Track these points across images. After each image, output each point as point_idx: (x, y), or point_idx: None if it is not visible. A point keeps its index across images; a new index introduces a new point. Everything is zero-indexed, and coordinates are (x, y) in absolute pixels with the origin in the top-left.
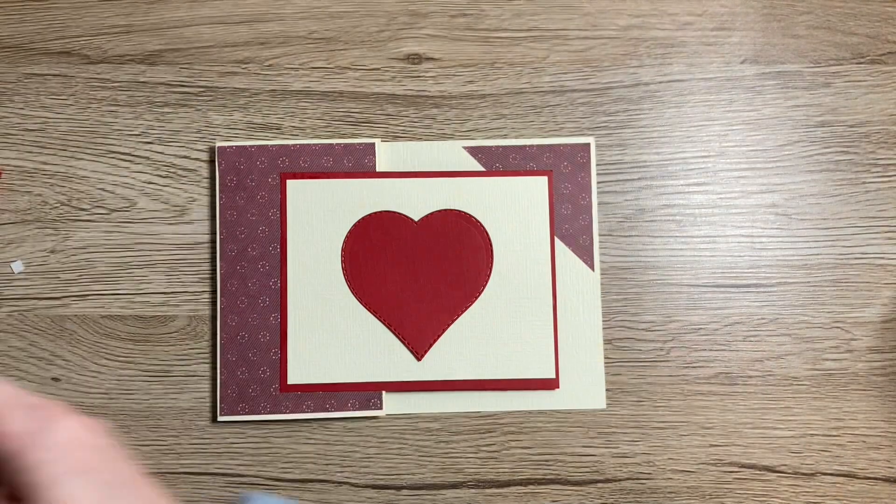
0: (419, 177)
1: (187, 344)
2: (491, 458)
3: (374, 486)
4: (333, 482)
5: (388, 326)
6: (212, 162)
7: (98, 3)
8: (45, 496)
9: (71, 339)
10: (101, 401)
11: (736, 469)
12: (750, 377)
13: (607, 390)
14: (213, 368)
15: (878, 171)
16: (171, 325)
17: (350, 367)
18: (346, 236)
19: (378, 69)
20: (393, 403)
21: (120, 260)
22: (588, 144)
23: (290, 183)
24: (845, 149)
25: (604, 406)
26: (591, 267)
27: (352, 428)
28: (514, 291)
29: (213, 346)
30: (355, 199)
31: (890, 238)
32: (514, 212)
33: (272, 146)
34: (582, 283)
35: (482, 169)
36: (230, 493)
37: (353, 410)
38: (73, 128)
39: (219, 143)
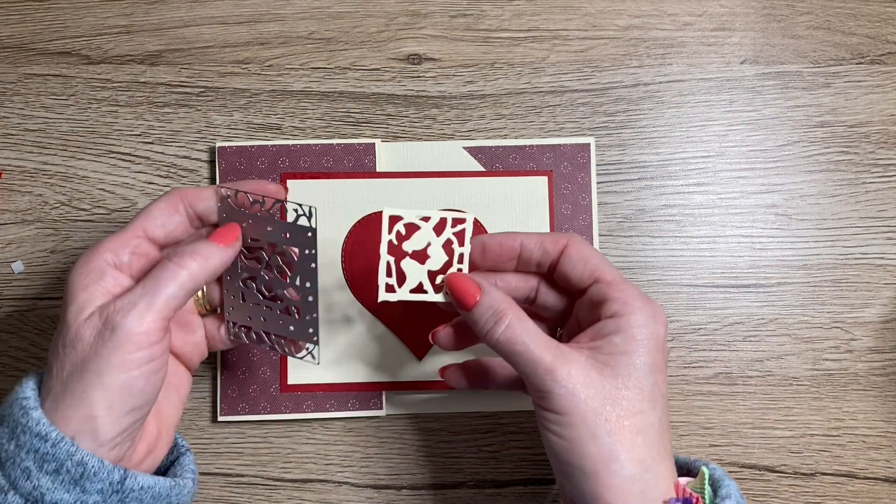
0: (419, 177)
1: None
2: (491, 458)
3: (374, 486)
4: (333, 482)
5: (389, 326)
6: (212, 162)
7: (98, 4)
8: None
9: None
10: None
11: (736, 469)
12: (750, 377)
13: None
14: (214, 368)
15: (878, 172)
16: None
17: (350, 367)
18: (347, 236)
19: (378, 69)
20: (393, 403)
21: None
22: (588, 144)
23: (290, 183)
24: (845, 149)
25: None
26: None
27: (352, 428)
28: None
29: None
30: (355, 199)
31: (890, 238)
32: (514, 212)
33: (272, 146)
34: None
35: (482, 169)
36: (230, 492)
37: (353, 410)
38: (73, 128)
39: (219, 144)
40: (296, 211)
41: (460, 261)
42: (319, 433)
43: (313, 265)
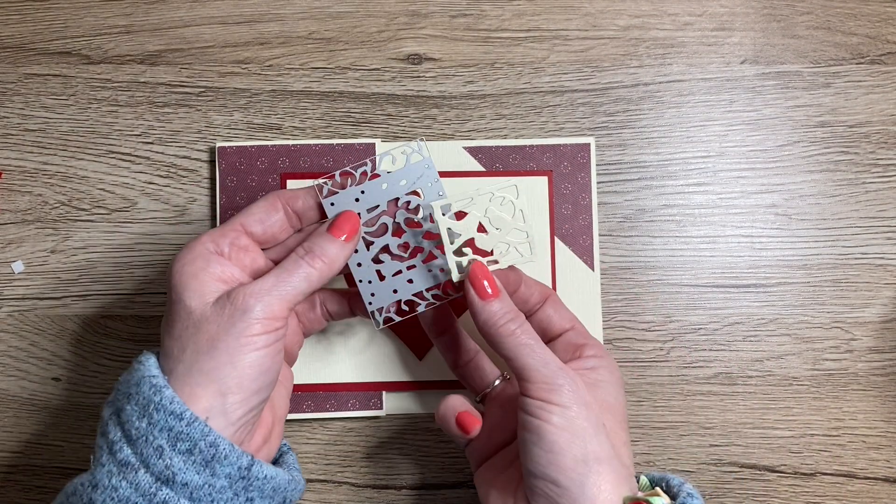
0: None
1: None
2: None
3: (374, 486)
4: (333, 482)
5: (389, 326)
6: (212, 162)
7: (98, 3)
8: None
9: (71, 339)
10: (101, 401)
11: (736, 469)
12: (750, 377)
13: None
14: None
15: (878, 172)
16: None
17: (350, 366)
18: None
19: (378, 69)
20: (393, 403)
21: (120, 260)
22: (588, 144)
23: (290, 183)
24: (845, 149)
25: None
26: (591, 267)
27: (352, 428)
28: None
29: None
30: None
31: (890, 238)
32: None
33: (272, 146)
34: (582, 283)
35: (482, 169)
36: None
37: (353, 410)
38: (73, 128)
39: (219, 144)
40: (404, 153)
41: (495, 262)
42: (319, 433)
43: (441, 194)
